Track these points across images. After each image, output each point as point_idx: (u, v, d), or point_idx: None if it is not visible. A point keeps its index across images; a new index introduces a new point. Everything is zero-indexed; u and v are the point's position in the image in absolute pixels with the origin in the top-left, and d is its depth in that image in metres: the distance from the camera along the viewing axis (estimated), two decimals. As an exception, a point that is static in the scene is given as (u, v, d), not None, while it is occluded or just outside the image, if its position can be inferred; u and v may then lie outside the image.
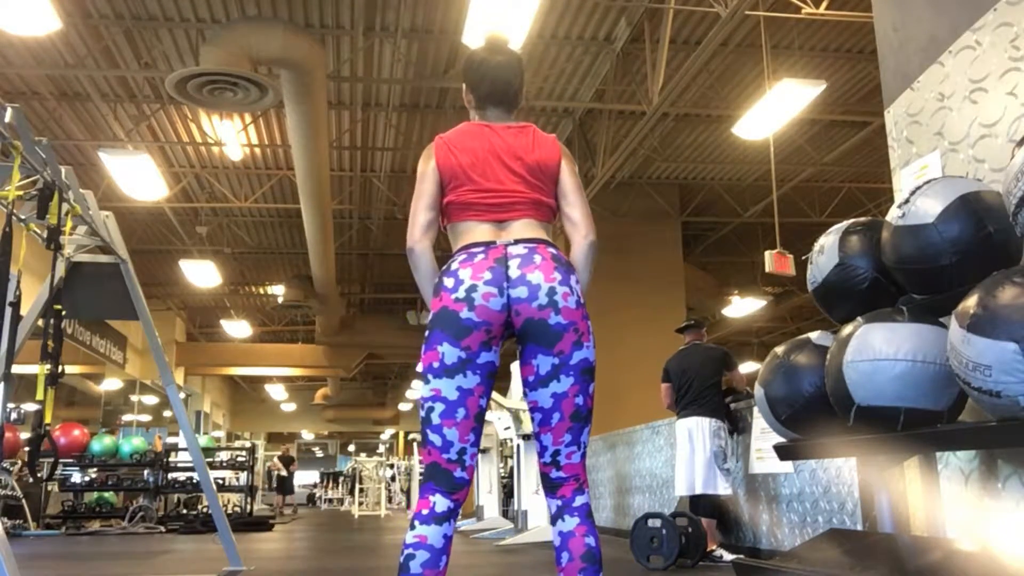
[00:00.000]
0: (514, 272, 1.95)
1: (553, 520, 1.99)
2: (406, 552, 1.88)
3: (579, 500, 1.98)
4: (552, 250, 2.03)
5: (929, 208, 2.55)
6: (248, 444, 17.31)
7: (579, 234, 2.11)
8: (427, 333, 1.99)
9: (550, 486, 2.00)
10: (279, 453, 20.07)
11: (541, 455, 2.01)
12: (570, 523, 1.95)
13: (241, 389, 28.84)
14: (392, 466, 18.88)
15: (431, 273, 2.07)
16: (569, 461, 1.99)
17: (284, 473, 18.77)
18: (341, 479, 25.48)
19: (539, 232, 2.08)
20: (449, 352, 1.93)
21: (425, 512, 1.92)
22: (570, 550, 1.92)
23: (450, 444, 1.93)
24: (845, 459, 4.42)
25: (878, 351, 2.53)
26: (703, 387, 5.63)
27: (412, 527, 1.91)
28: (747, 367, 6.05)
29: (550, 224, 2.15)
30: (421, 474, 14.08)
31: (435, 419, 1.94)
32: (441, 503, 1.93)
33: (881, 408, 2.53)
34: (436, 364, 1.94)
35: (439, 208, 2.13)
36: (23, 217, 3.85)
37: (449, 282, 1.97)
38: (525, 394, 2.02)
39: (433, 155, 2.13)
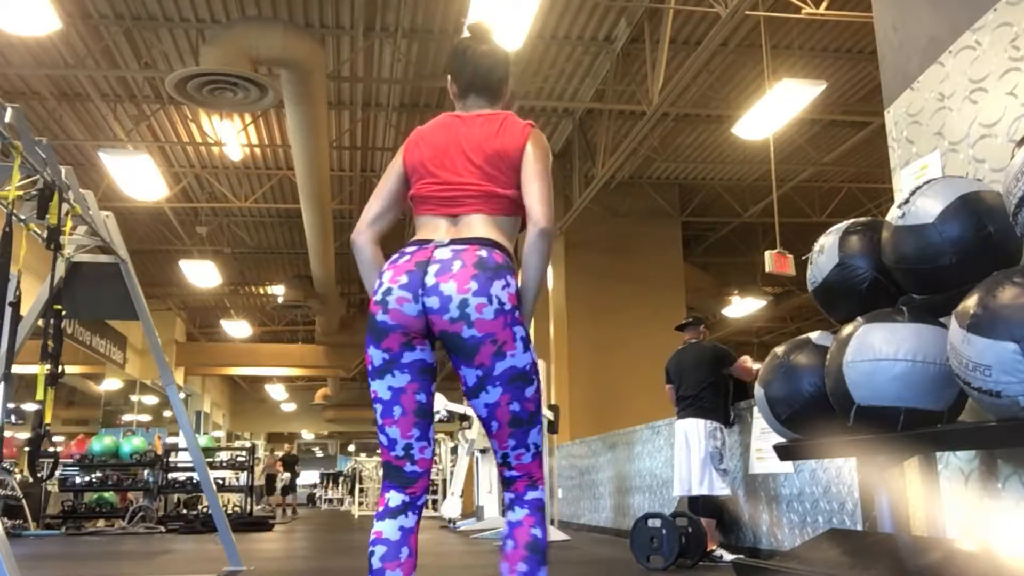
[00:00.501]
0: (430, 279, 1.90)
1: (505, 512, 2.03)
2: (369, 550, 1.94)
3: (531, 495, 2.01)
4: (481, 252, 1.94)
5: (929, 208, 2.55)
6: (248, 444, 17.29)
7: (529, 222, 2.00)
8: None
9: (505, 482, 2.05)
10: (283, 453, 19.84)
11: (495, 454, 2.05)
12: (519, 513, 1.99)
13: (241, 389, 28.85)
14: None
15: (372, 267, 2.06)
16: (519, 462, 2.01)
17: (283, 475, 18.69)
18: (341, 479, 25.46)
19: (490, 228, 2.01)
20: (375, 354, 1.96)
21: (381, 509, 1.98)
22: (515, 538, 1.95)
23: (394, 441, 1.97)
24: (845, 459, 4.42)
25: (878, 351, 2.53)
26: (699, 388, 5.61)
27: (373, 526, 1.97)
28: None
29: (510, 217, 2.06)
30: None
31: (379, 419, 1.99)
32: (395, 498, 1.98)
33: (881, 408, 2.53)
34: (369, 367, 1.98)
35: (394, 203, 2.14)
36: (23, 217, 3.85)
37: (376, 283, 1.98)
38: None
39: (403, 149, 2.14)
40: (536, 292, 2.05)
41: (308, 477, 30.32)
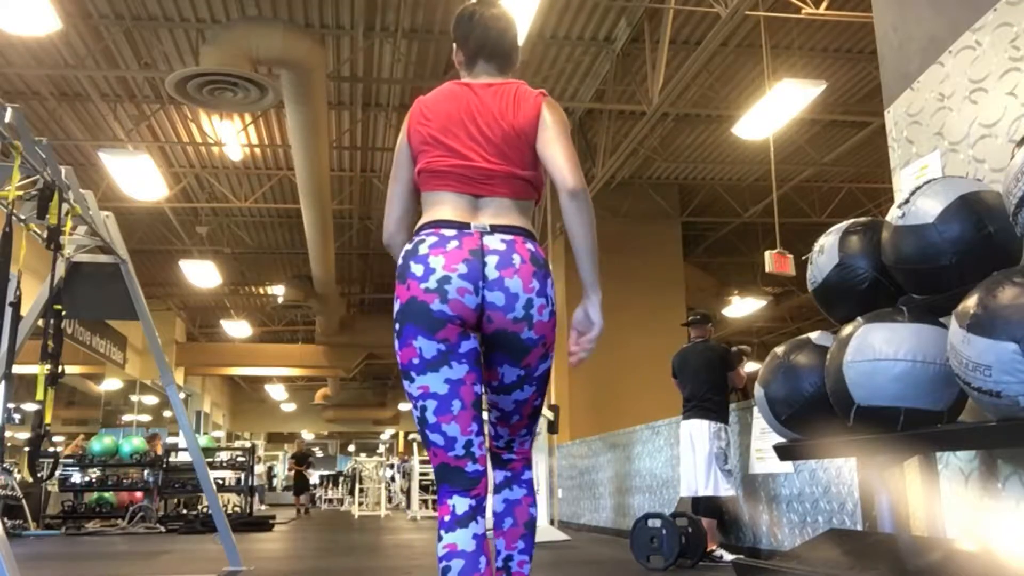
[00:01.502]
0: (491, 272, 1.80)
1: (498, 488, 2.02)
2: (441, 566, 1.78)
3: (527, 474, 2.04)
4: (530, 246, 1.88)
5: (929, 208, 2.55)
6: (248, 444, 17.28)
7: (557, 186, 1.86)
8: (397, 326, 1.83)
9: (500, 463, 2.04)
10: (294, 451, 19.60)
11: (495, 440, 2.04)
12: (518, 492, 2.00)
13: (241, 389, 28.85)
14: (392, 466, 18.83)
15: None
16: (522, 447, 2.06)
17: (301, 473, 18.60)
18: (341, 479, 25.46)
19: (515, 215, 1.90)
20: (426, 346, 1.79)
21: (447, 518, 1.80)
22: (515, 516, 1.97)
23: (453, 440, 1.82)
24: (845, 459, 4.42)
25: (878, 351, 2.53)
26: (703, 388, 5.61)
27: (439, 538, 1.80)
28: (747, 367, 6.01)
29: (529, 202, 1.97)
30: (422, 475, 14.10)
31: (430, 418, 1.82)
32: (461, 504, 1.81)
33: (881, 408, 2.53)
34: (416, 360, 1.81)
35: (415, 191, 2.00)
36: (23, 217, 3.85)
37: (418, 269, 1.80)
38: (485, 391, 1.97)
39: (407, 124, 1.99)
40: (592, 257, 1.91)
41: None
